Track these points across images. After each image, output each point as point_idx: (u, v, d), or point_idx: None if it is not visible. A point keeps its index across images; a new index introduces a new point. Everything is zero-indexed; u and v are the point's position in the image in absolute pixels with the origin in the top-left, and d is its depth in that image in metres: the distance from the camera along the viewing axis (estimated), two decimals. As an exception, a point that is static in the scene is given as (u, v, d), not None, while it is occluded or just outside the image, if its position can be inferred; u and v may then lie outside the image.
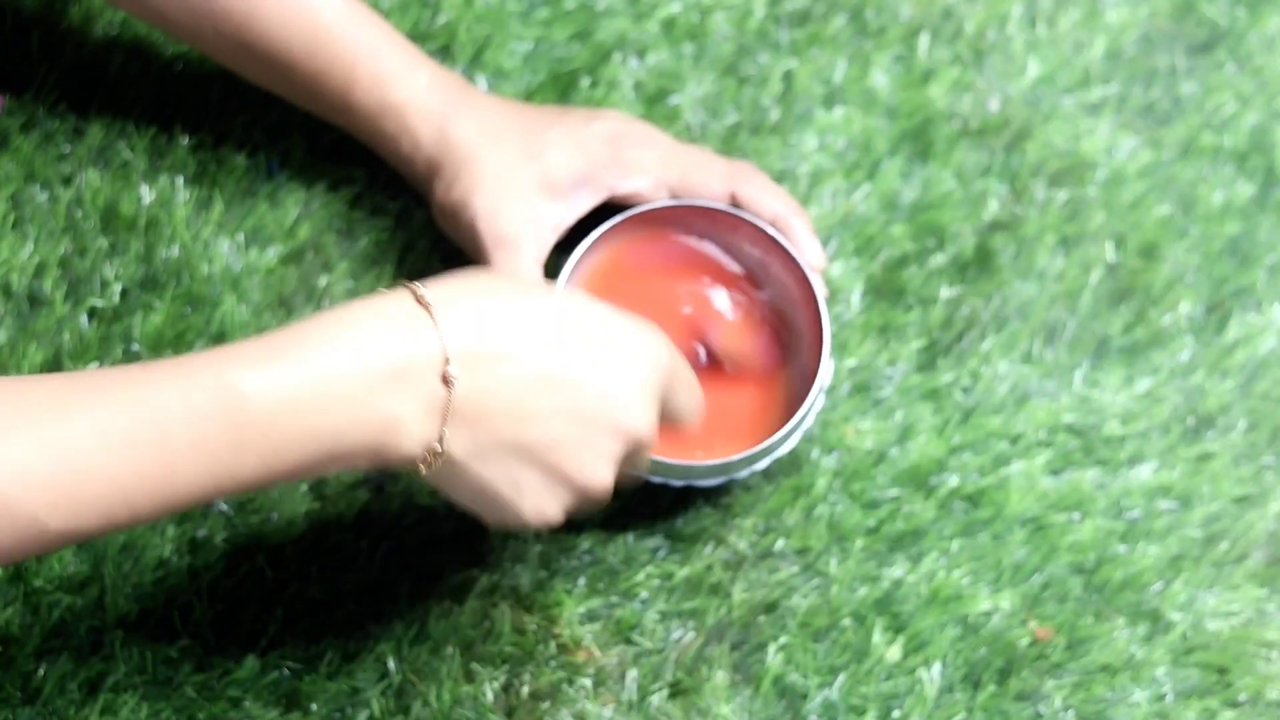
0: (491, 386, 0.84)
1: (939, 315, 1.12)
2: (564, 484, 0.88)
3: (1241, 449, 1.12)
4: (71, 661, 1.02)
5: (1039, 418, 1.11)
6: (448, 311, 0.84)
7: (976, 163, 1.16)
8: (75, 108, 1.12)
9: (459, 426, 0.85)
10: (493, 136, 1.05)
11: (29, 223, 1.09)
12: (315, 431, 0.82)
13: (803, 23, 1.18)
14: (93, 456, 0.80)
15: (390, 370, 0.83)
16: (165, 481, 0.81)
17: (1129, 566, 1.08)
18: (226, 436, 0.81)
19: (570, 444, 0.87)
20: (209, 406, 0.81)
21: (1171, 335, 1.13)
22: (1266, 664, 1.08)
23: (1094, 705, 1.06)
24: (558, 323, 0.86)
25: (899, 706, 1.05)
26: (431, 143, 1.05)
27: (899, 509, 1.09)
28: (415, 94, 1.05)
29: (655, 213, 1.05)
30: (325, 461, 0.83)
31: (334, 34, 1.04)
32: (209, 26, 1.04)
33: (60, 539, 0.81)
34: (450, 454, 0.85)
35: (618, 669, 1.05)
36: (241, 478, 0.82)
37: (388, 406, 0.83)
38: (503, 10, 1.16)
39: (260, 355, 0.82)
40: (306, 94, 1.06)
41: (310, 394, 0.82)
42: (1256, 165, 1.18)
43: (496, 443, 0.86)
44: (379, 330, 0.83)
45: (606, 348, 0.87)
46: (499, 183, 1.04)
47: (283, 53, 1.04)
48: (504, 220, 1.04)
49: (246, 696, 1.02)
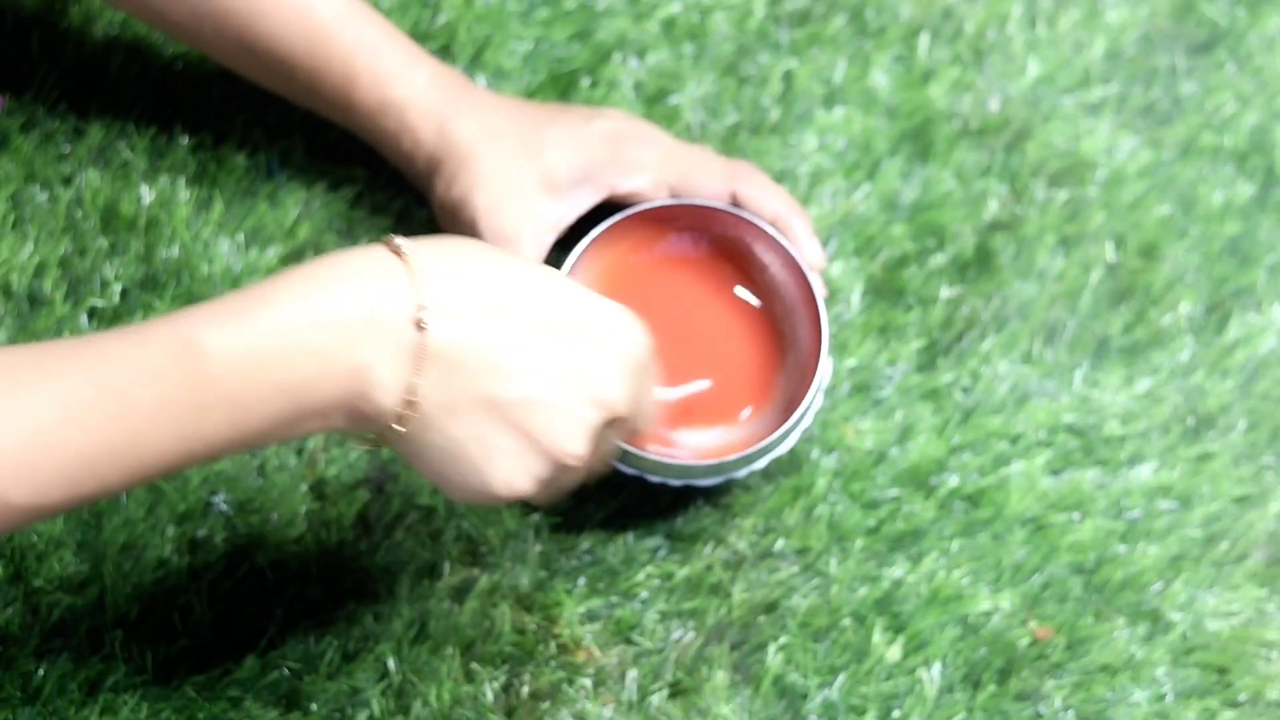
0: (470, 339, 0.82)
1: (939, 315, 1.13)
2: (536, 451, 0.84)
3: (1241, 449, 1.12)
4: (71, 661, 1.02)
5: (1039, 418, 1.11)
6: (425, 262, 0.82)
7: (976, 163, 1.16)
8: (75, 108, 1.12)
9: (432, 374, 0.82)
10: (493, 134, 1.05)
11: (29, 223, 1.09)
12: (283, 385, 0.80)
13: (803, 23, 1.18)
14: (56, 427, 0.78)
15: (361, 320, 0.80)
16: (131, 449, 0.79)
17: (1129, 566, 1.08)
18: (191, 397, 0.79)
19: (546, 407, 0.84)
20: (169, 365, 0.78)
21: (1171, 335, 1.13)
22: (1266, 664, 1.08)
23: (1094, 705, 1.06)
24: (541, 288, 0.84)
25: (899, 706, 1.05)
26: (432, 140, 1.05)
27: (899, 509, 1.09)
28: (415, 91, 1.05)
29: (654, 211, 1.05)
30: (297, 418, 0.81)
31: (333, 32, 1.04)
32: (209, 26, 1.04)
33: (25, 514, 0.78)
34: (423, 405, 0.82)
35: (618, 669, 1.05)
36: (211, 440, 0.80)
37: (358, 355, 0.80)
38: (503, 10, 1.16)
39: (224, 312, 0.79)
40: (307, 92, 1.06)
41: (276, 347, 0.79)
42: (1256, 165, 1.18)
43: (471, 397, 0.83)
44: (351, 281, 0.80)
45: (589, 318, 0.85)
46: (499, 180, 1.04)
47: (283, 52, 1.04)
48: (504, 218, 1.04)
49: (246, 696, 1.02)
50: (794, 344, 1.05)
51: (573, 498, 1.07)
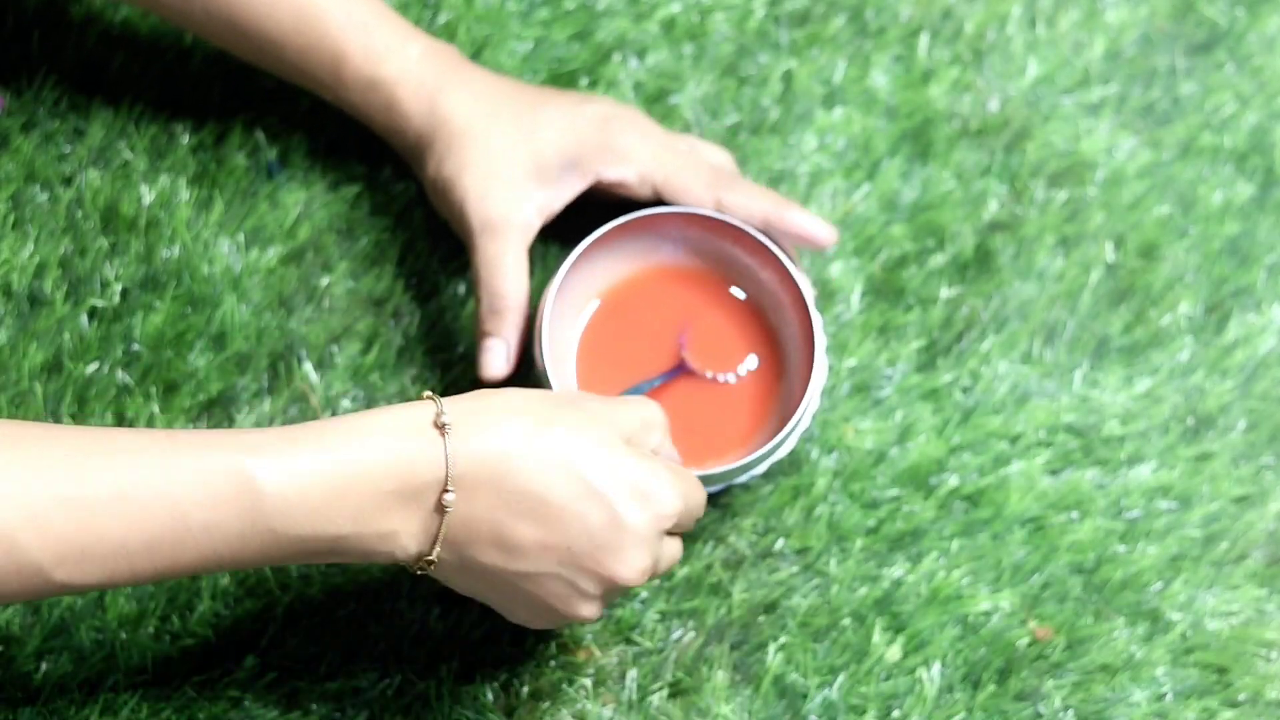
0: (481, 514, 0.88)
1: (939, 315, 1.13)
2: (548, 614, 0.91)
3: (1241, 449, 1.12)
4: (72, 661, 1.02)
5: (1038, 418, 1.11)
6: (460, 434, 0.87)
7: (976, 163, 1.16)
8: (76, 108, 1.12)
9: (448, 548, 0.89)
10: (485, 113, 1.05)
11: (29, 223, 1.09)
12: (320, 533, 0.86)
13: (802, 23, 1.18)
14: (108, 519, 0.83)
15: (396, 491, 0.87)
16: (171, 554, 0.85)
17: (1128, 566, 1.09)
18: (237, 525, 0.85)
19: (553, 581, 0.90)
20: (225, 494, 0.84)
21: (1171, 335, 1.14)
22: (1266, 664, 1.08)
23: (1093, 705, 1.06)
24: (566, 458, 0.88)
25: (899, 706, 1.05)
26: (422, 116, 1.05)
27: (899, 509, 1.09)
28: (406, 66, 1.05)
29: (641, 220, 1.04)
30: (318, 556, 0.88)
31: (323, 9, 1.04)
32: (198, 7, 1.04)
33: (58, 589, 0.84)
34: (441, 567, 0.90)
35: (618, 669, 1.05)
36: (241, 557, 0.86)
37: (389, 523, 0.87)
38: (503, 10, 1.16)
39: (281, 450, 0.86)
40: (297, 71, 1.06)
41: (321, 501, 0.86)
42: (1256, 165, 1.18)
43: (482, 568, 0.89)
44: (393, 448, 0.87)
45: (611, 493, 0.89)
46: (489, 163, 1.04)
47: (272, 31, 1.04)
48: (491, 204, 1.04)
49: (247, 696, 1.03)
50: (788, 349, 1.05)
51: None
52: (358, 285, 1.10)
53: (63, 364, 1.07)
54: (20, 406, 1.06)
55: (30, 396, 1.06)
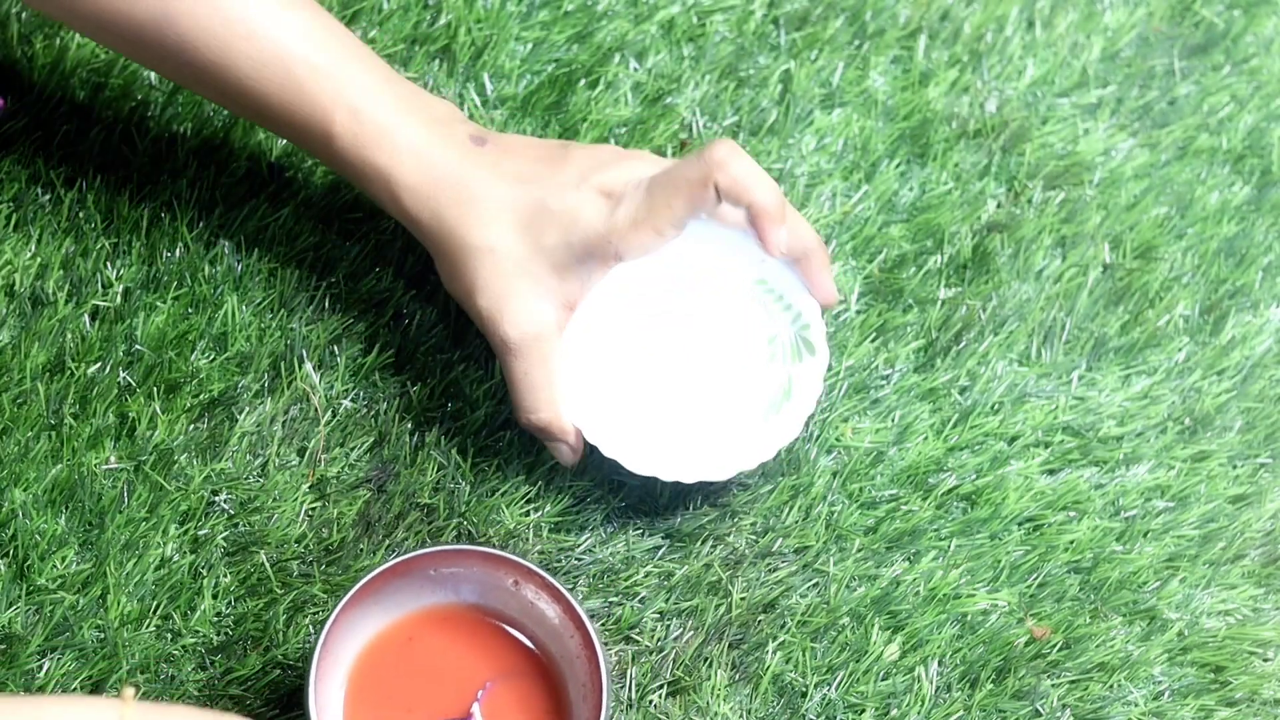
0: None
1: (937, 316, 1.13)
2: None
3: (1237, 449, 1.12)
4: (74, 660, 1.02)
5: (1036, 418, 1.11)
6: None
7: (974, 164, 1.16)
8: (77, 109, 1.12)
9: None
10: (488, 225, 1.02)
11: (32, 224, 1.10)
12: None
13: (801, 25, 1.18)
14: None
15: None
16: None
17: (1125, 566, 1.09)
18: None
19: None
20: None
21: (1168, 336, 1.14)
22: (1262, 663, 1.08)
23: (1091, 704, 1.06)
24: None
25: (897, 705, 1.05)
26: (425, 224, 1.03)
27: (897, 508, 1.09)
28: (397, 161, 1.02)
29: (410, 561, 0.98)
30: None
31: (308, 87, 1.02)
32: (189, 75, 1.02)
33: None
34: None
35: (617, 668, 1.05)
36: None
37: None
38: (503, 12, 1.16)
39: None
40: (291, 138, 1.04)
41: None
42: (1253, 166, 1.18)
43: None
44: None
45: None
46: (501, 283, 1.02)
47: (260, 102, 1.02)
48: (509, 325, 1.02)
49: (248, 695, 1.03)
50: (576, 695, 1.00)
51: (574, 498, 1.07)
52: (358, 285, 1.10)
53: (65, 364, 1.07)
54: (23, 407, 1.06)
55: (33, 396, 1.06)
